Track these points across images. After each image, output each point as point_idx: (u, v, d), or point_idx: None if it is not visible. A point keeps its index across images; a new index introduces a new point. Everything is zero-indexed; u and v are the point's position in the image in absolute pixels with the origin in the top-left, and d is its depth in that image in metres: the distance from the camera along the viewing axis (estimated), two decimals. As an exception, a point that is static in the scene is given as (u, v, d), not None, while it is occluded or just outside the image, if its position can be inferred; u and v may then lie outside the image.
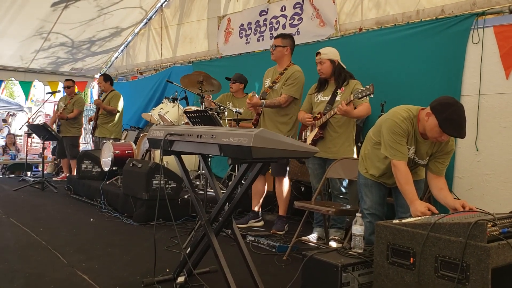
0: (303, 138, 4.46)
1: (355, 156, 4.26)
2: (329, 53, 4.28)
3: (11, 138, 11.42)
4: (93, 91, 11.53)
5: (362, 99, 3.93)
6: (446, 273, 2.25)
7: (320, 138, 4.28)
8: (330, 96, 4.29)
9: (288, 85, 4.60)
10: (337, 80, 4.28)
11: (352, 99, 3.94)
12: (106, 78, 7.78)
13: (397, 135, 3.02)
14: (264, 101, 4.60)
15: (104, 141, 6.97)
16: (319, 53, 4.31)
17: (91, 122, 7.89)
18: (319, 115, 4.30)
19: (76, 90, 8.28)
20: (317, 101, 4.40)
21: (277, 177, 4.81)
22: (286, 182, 4.77)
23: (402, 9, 5.08)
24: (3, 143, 11.87)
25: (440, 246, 2.28)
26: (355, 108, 4.05)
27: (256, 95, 4.72)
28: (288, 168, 4.84)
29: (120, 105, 7.56)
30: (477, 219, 2.22)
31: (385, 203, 3.45)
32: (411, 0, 5.00)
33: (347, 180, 4.25)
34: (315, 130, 4.32)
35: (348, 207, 3.95)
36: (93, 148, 8.14)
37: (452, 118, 2.80)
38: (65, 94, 8.38)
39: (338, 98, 4.23)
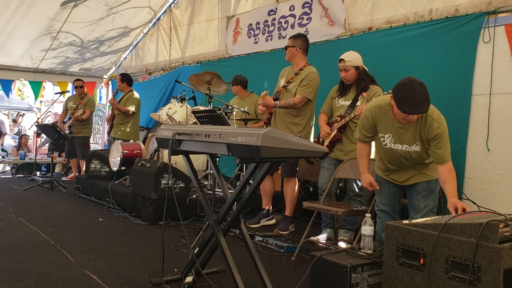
0: (320, 141, 4.44)
1: None
2: (353, 59, 4.20)
3: (26, 139, 11.49)
4: (102, 91, 11.55)
5: None
6: (457, 274, 2.23)
7: (337, 140, 4.28)
8: (351, 100, 4.26)
9: (303, 86, 4.52)
10: (358, 86, 4.24)
11: None
12: (123, 78, 7.59)
13: (362, 122, 3.39)
14: (278, 102, 4.52)
15: None
16: (342, 60, 4.22)
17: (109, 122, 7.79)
18: (339, 117, 4.29)
19: (85, 91, 8.26)
20: (338, 105, 4.36)
21: (286, 178, 4.79)
22: (294, 182, 4.75)
23: (414, 8, 5.00)
24: (15, 144, 11.96)
25: (451, 247, 2.26)
26: None
27: (269, 95, 4.61)
28: (297, 169, 4.81)
29: (135, 107, 7.36)
30: (489, 220, 2.19)
31: (398, 202, 3.44)
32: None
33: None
34: (334, 132, 4.31)
35: (360, 208, 3.92)
36: (109, 148, 8.12)
37: (406, 96, 2.91)
38: (74, 93, 8.34)
39: (359, 103, 4.21)
